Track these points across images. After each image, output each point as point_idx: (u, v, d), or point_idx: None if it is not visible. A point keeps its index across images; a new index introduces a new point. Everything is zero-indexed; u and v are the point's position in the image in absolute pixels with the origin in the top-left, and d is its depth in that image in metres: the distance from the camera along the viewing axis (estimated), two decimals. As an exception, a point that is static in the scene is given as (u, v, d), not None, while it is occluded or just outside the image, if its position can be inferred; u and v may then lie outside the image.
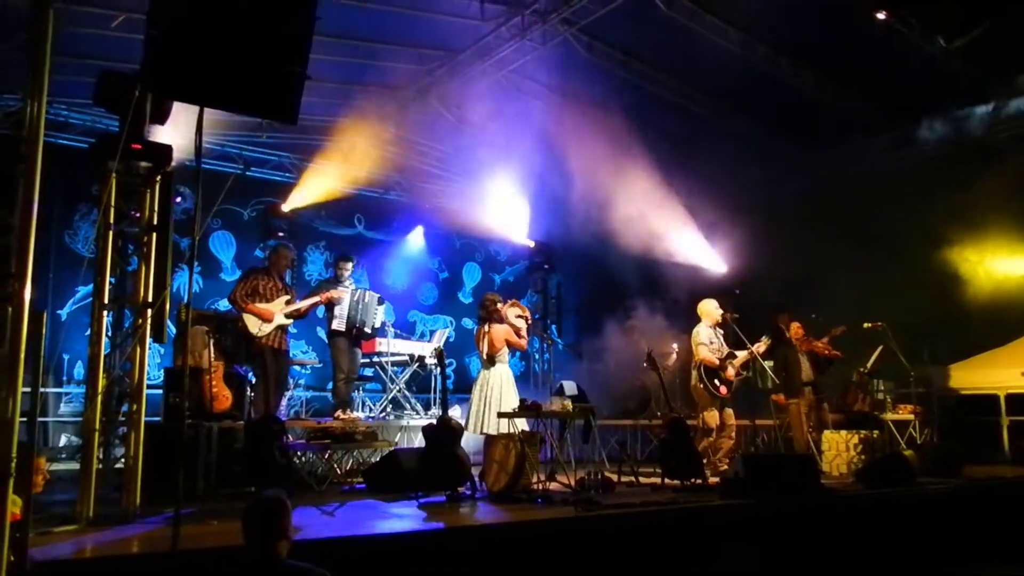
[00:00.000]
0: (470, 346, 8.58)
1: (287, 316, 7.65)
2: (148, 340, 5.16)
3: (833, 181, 11.24)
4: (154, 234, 5.17)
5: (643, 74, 9.93)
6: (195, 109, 3.65)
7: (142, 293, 5.12)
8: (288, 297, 7.71)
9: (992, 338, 10.22)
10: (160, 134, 5.36)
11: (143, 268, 5.17)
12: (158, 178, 5.16)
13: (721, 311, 8.38)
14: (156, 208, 5.19)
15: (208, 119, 3.76)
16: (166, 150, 5.05)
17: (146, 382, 5.19)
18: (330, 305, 8.49)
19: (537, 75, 10.06)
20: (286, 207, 11.52)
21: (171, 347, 8.71)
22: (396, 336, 9.68)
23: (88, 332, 5.17)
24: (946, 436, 9.60)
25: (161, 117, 5.01)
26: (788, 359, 8.76)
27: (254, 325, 7.42)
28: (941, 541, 6.21)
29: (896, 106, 10.19)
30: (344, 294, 8.55)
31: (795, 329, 8.95)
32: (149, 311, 5.05)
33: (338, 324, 8.56)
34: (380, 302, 9.06)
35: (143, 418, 5.06)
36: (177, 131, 5.50)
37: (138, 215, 5.22)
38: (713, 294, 8.74)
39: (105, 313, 5.08)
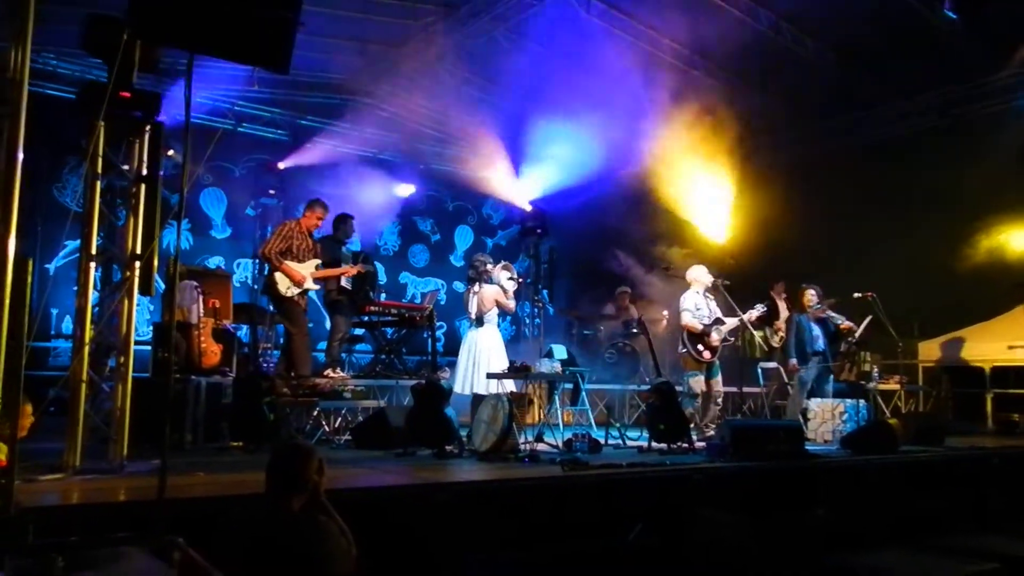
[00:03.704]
0: (461, 309, 8.59)
1: (315, 281, 7.63)
2: (136, 293, 5.13)
3: (830, 152, 11.22)
4: (143, 185, 5.11)
5: (644, 35, 9.81)
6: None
7: (130, 245, 5.07)
8: (318, 261, 7.67)
9: (980, 312, 10.29)
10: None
11: (131, 221, 5.12)
12: (147, 128, 5.09)
13: (712, 277, 8.36)
14: (145, 159, 5.12)
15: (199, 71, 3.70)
16: (155, 99, 4.97)
17: (135, 337, 5.16)
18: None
19: (535, 33, 9.93)
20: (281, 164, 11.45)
21: (160, 303, 8.68)
22: (387, 297, 9.69)
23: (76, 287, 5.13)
24: (931, 407, 9.70)
25: (150, 65, 4.92)
26: (800, 327, 8.73)
27: (283, 284, 7.37)
28: (923, 508, 6.30)
29: (899, 78, 10.12)
30: (371, 268, 8.56)
31: (807, 298, 8.87)
32: (137, 263, 5.00)
33: (346, 283, 8.50)
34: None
35: (130, 371, 5.03)
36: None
37: (126, 167, 5.15)
38: (706, 261, 8.73)
39: (92, 265, 5.03)
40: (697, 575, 4.66)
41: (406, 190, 12.93)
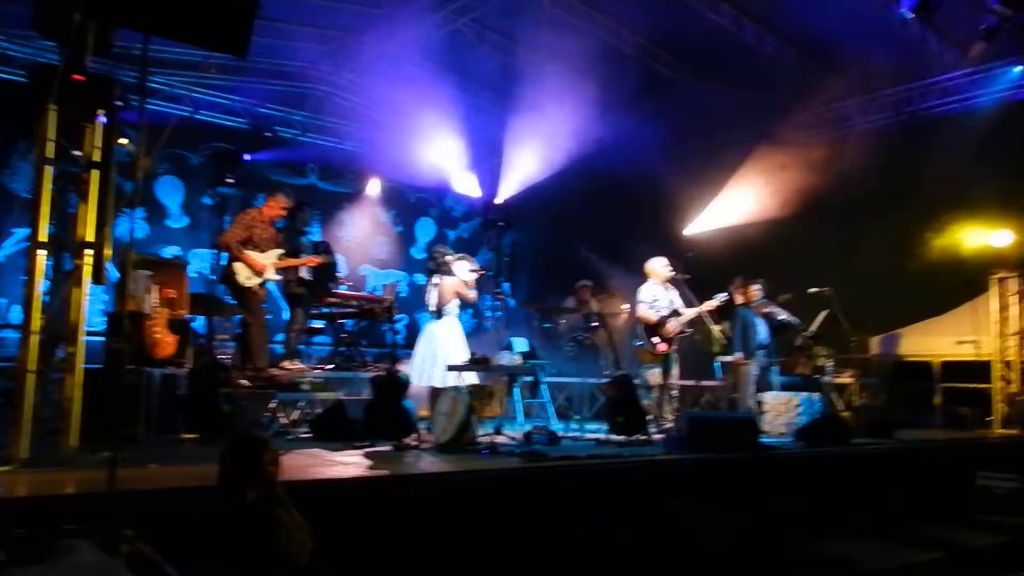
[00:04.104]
0: (421, 301, 8.55)
1: (277, 271, 7.55)
2: (87, 282, 5.00)
3: (789, 148, 11.35)
4: (95, 171, 4.98)
5: (606, 27, 9.82)
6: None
7: (81, 233, 4.94)
8: (281, 251, 7.58)
9: (932, 308, 10.51)
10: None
11: (83, 208, 4.98)
12: (101, 113, 4.95)
13: (671, 270, 8.41)
14: (98, 144, 4.99)
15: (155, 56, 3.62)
16: (109, 83, 4.85)
17: (88, 329, 5.03)
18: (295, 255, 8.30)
19: (498, 24, 9.91)
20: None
21: (113, 294, 8.49)
22: (347, 289, 9.60)
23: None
24: (882, 400, 9.89)
25: (104, 48, 4.78)
26: (745, 322, 8.86)
27: (243, 274, 7.29)
28: (878, 499, 6.43)
29: (858, 75, 10.27)
30: (331, 258, 8.50)
31: (752, 292, 9.02)
32: (88, 252, 4.88)
33: (306, 274, 8.40)
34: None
35: (81, 361, 4.90)
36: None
37: (78, 152, 5.01)
38: (665, 254, 8.78)
39: (43, 253, 4.89)
40: (671, 565, 4.70)
41: (368, 181, 12.81)
